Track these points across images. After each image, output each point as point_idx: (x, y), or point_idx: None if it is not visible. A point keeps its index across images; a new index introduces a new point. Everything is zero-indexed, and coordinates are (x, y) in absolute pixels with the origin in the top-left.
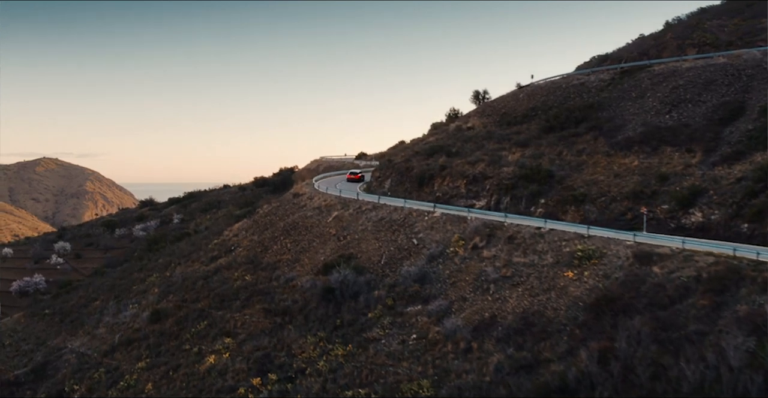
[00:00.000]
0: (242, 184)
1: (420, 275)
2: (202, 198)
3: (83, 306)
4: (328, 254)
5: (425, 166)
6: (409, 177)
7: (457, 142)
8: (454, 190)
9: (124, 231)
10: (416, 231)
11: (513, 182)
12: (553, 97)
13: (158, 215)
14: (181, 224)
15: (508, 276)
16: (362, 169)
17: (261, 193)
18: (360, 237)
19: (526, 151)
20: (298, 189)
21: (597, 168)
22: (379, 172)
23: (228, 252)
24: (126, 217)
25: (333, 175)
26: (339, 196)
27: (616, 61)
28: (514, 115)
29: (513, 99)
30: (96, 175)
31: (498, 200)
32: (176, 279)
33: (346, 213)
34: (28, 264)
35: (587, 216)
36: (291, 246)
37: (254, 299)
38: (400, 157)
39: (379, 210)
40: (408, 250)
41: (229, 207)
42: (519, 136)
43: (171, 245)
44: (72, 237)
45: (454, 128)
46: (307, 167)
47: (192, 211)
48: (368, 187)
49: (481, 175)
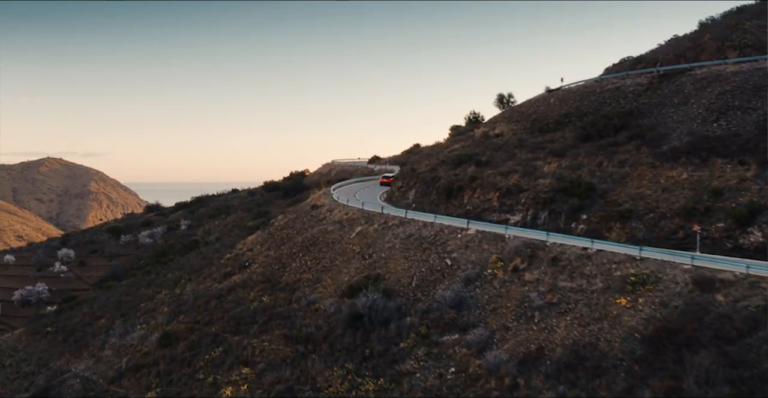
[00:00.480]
0: (251, 189)
1: (456, 300)
2: (210, 203)
3: (88, 325)
4: (353, 274)
5: (453, 176)
6: (435, 188)
7: (486, 151)
8: (486, 203)
9: (130, 237)
10: (449, 251)
11: (550, 196)
12: (587, 103)
13: (165, 221)
14: (189, 231)
15: (554, 303)
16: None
17: (271, 197)
18: (387, 256)
19: (563, 162)
20: (315, 199)
21: (642, 181)
22: (401, 182)
23: (242, 268)
24: (131, 223)
25: (352, 183)
26: (362, 208)
27: (651, 63)
28: (546, 122)
29: (543, 104)
30: (100, 175)
31: (534, 215)
32: (187, 297)
33: (371, 228)
34: (31, 272)
35: (634, 234)
36: (311, 264)
37: (273, 323)
38: (424, 165)
39: (406, 226)
40: (441, 272)
41: (238, 212)
42: (553, 145)
43: (180, 257)
44: (76, 243)
45: (480, 135)
46: (318, 171)
47: (200, 217)
48: (390, 197)
49: (515, 187)
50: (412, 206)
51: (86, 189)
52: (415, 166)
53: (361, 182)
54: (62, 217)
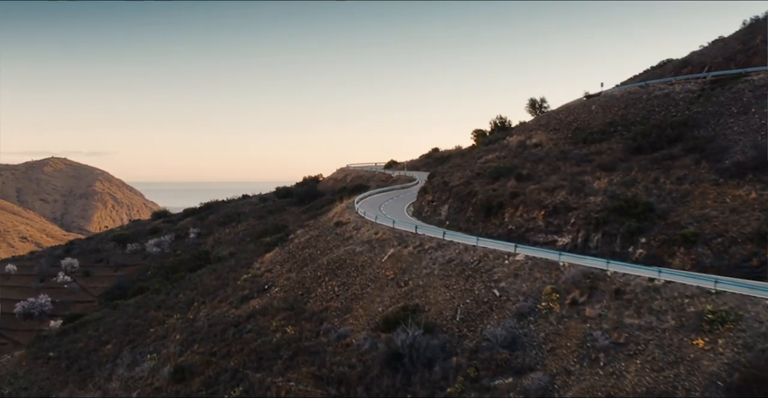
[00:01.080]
0: (263, 194)
1: (509, 338)
2: (219, 209)
3: (93, 351)
4: (387, 304)
5: (491, 191)
6: (471, 204)
7: (525, 163)
8: (530, 223)
9: (136, 246)
10: (496, 279)
11: (603, 215)
12: (634, 110)
13: (173, 228)
14: (198, 239)
15: (621, 343)
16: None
17: (284, 204)
18: (426, 284)
19: (614, 177)
20: (339, 215)
21: (706, 200)
22: (431, 195)
23: (261, 291)
24: (138, 230)
25: (375, 193)
26: (393, 227)
27: (698, 67)
28: (590, 131)
29: (584, 111)
30: (105, 175)
31: (586, 237)
32: (201, 324)
33: (405, 251)
34: (33, 283)
35: (700, 260)
36: (339, 290)
37: (300, 359)
38: (456, 178)
39: (445, 250)
40: (488, 304)
41: (249, 219)
42: (601, 157)
43: (191, 273)
44: (80, 251)
45: (516, 144)
46: (333, 177)
47: (209, 224)
48: (418, 211)
49: (562, 205)
50: (445, 223)
51: (91, 189)
52: (446, 179)
53: (384, 193)
54: (67, 218)
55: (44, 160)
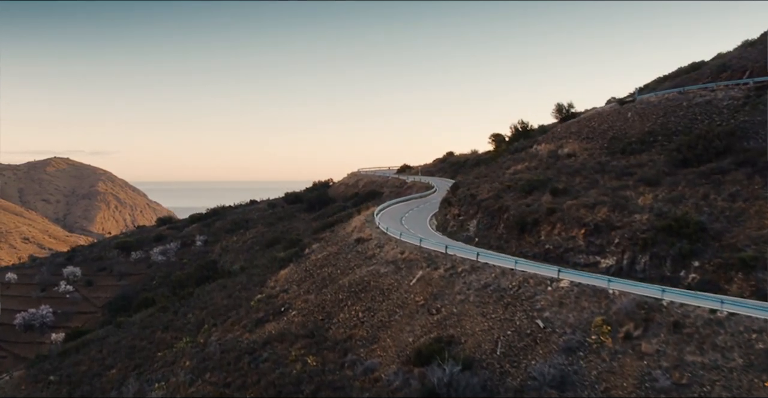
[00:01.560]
0: (271, 200)
1: (558, 376)
2: (226, 215)
3: (96, 376)
4: (419, 334)
5: (524, 207)
6: (502, 220)
7: (560, 175)
8: (569, 242)
9: (141, 254)
10: (539, 308)
11: (651, 236)
12: (674, 119)
13: (178, 235)
14: (205, 247)
15: (683, 384)
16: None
17: (293, 211)
18: (460, 312)
19: (659, 192)
20: (358, 229)
21: (763, 220)
22: (458, 209)
23: (277, 314)
24: (143, 237)
25: (393, 204)
26: (419, 246)
27: (738, 72)
28: (627, 141)
29: (619, 118)
30: (108, 175)
31: (632, 259)
32: (213, 350)
33: (435, 274)
34: (34, 292)
35: (761, 287)
36: (364, 316)
37: (323, 395)
38: (485, 191)
39: (480, 273)
40: (532, 336)
41: (258, 226)
42: (643, 171)
43: (199, 288)
44: (83, 259)
45: (547, 153)
46: (344, 182)
47: (216, 231)
48: (442, 225)
49: (604, 223)
50: (474, 240)
51: (94, 189)
52: (473, 191)
53: (402, 203)
54: (69, 218)
55: (46, 160)
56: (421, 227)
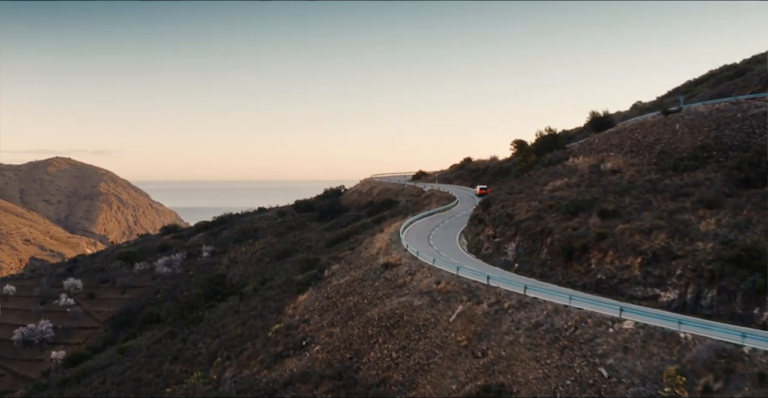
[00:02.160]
0: (280, 207)
1: None
2: (234, 224)
3: None
4: (463, 380)
5: (570, 230)
6: (546, 244)
7: (607, 194)
8: (623, 272)
9: (145, 265)
10: (601, 354)
11: (718, 267)
12: (729, 132)
13: (184, 245)
14: (212, 258)
15: None
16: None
17: (304, 220)
18: (510, 356)
19: (721, 216)
20: (384, 251)
21: None
22: (492, 229)
23: (299, 349)
24: (146, 246)
25: (417, 219)
26: (457, 275)
27: None
28: (679, 156)
29: (665, 130)
30: (110, 175)
31: (697, 293)
32: (228, 388)
33: (478, 309)
34: (34, 306)
35: None
36: (398, 356)
37: None
38: (523, 210)
39: (529, 310)
40: (595, 387)
41: (267, 236)
42: (700, 191)
43: (209, 311)
44: (84, 270)
45: (588, 169)
46: (356, 189)
47: (223, 241)
48: (476, 246)
49: (663, 251)
50: (513, 266)
51: (96, 190)
52: (509, 210)
53: (427, 217)
54: (71, 219)
55: (48, 160)
56: (451, 247)
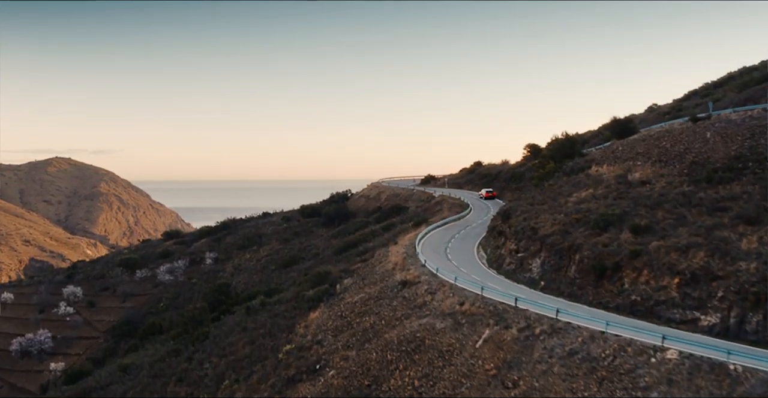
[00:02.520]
0: (285, 212)
1: None
2: (238, 229)
3: None
4: None
5: (600, 247)
6: (574, 261)
7: (637, 208)
8: (660, 293)
9: (146, 272)
10: (643, 387)
11: (763, 289)
12: (765, 141)
13: (186, 251)
14: (216, 265)
15: None
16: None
17: (310, 225)
18: (544, 387)
19: (763, 233)
20: (400, 266)
21: None
22: (514, 243)
23: (312, 373)
24: (148, 253)
25: (432, 229)
26: (481, 295)
27: None
28: (712, 167)
29: (696, 138)
30: (111, 176)
31: (741, 317)
32: None
33: (507, 335)
34: (32, 315)
35: None
36: (421, 385)
37: None
38: (548, 224)
39: (563, 336)
40: None
41: (272, 242)
42: (738, 205)
43: (215, 326)
44: (84, 277)
45: (614, 179)
46: (364, 194)
47: (227, 247)
48: (496, 260)
49: (702, 271)
50: (539, 284)
51: (96, 190)
52: (532, 223)
53: (441, 228)
54: (71, 220)
55: (48, 160)
56: (470, 261)
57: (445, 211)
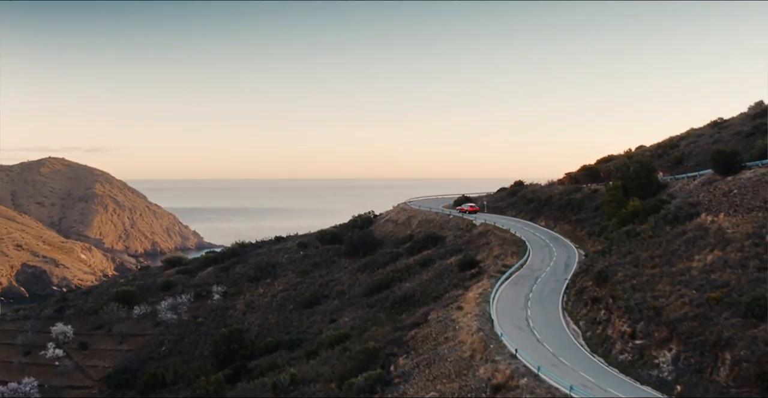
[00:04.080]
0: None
1: None
2: (248, 256)
3: None
4: None
5: (762, 345)
6: (723, 361)
7: None
8: None
9: (145, 308)
10: None
11: None
12: None
13: (190, 282)
14: (225, 301)
15: None
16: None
17: (331, 254)
18: None
19: None
20: (479, 350)
21: None
22: (627, 323)
23: None
24: (147, 283)
25: (502, 282)
26: None
27: None
28: None
29: None
30: (106, 176)
31: None
32: None
33: None
34: (16, 358)
35: None
36: None
37: None
38: (677, 303)
39: None
40: None
41: (288, 273)
42: None
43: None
44: (75, 312)
45: (744, 237)
46: (391, 218)
47: (237, 279)
48: (599, 341)
49: None
50: (674, 389)
51: (91, 191)
52: (651, 298)
53: (507, 281)
54: (65, 223)
55: (41, 160)
56: (565, 343)
57: (495, 247)
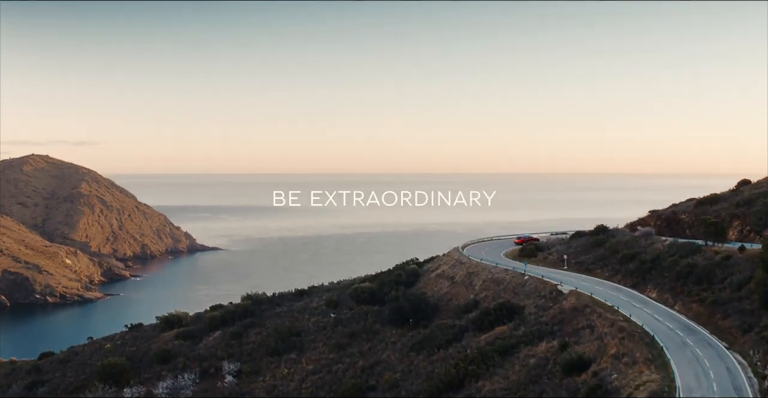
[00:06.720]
0: (331, 295)
1: None
2: (264, 317)
3: None
4: None
5: None
6: None
7: None
8: None
9: (139, 390)
10: None
11: None
12: None
13: (194, 353)
14: (239, 384)
15: None
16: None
17: (370, 320)
18: None
19: None
20: None
21: None
22: None
23: None
24: (140, 352)
25: None
26: None
27: None
28: None
29: None
30: (92, 175)
31: None
32: None
33: None
34: None
35: None
36: None
37: None
38: None
39: None
40: None
41: (318, 346)
42: None
43: None
44: (51, 390)
45: None
46: (443, 273)
47: (252, 352)
48: None
49: None
50: None
51: (76, 191)
52: None
53: None
54: (49, 224)
55: (23, 158)
56: None
57: (608, 340)
